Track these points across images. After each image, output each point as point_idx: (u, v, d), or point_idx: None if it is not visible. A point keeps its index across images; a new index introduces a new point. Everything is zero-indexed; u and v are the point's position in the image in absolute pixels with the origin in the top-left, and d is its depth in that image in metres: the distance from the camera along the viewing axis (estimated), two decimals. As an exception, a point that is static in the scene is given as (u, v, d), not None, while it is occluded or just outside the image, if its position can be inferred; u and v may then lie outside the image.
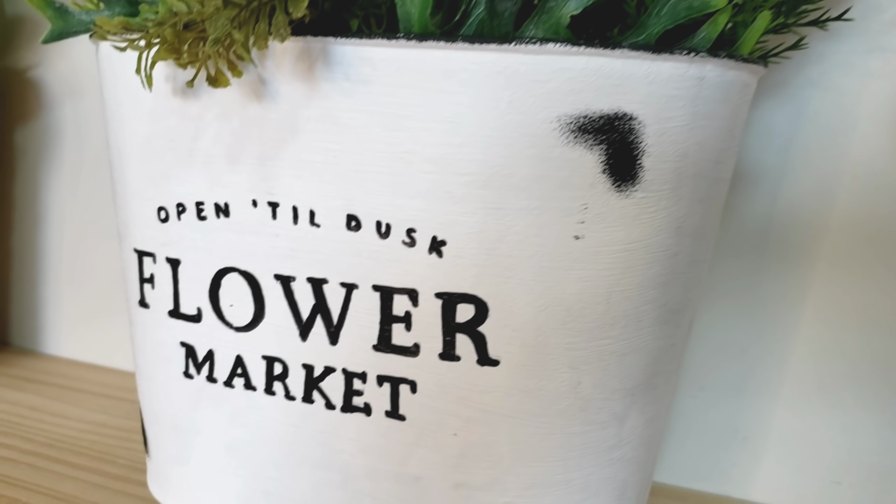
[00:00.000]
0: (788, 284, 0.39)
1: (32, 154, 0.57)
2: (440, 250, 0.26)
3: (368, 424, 0.28)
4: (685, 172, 0.26)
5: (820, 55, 0.38)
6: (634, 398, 0.28)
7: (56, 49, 0.55)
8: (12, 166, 0.58)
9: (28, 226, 0.58)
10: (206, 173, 0.28)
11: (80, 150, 0.55)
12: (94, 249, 0.56)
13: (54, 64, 0.55)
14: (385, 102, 0.25)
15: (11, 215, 0.58)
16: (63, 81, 0.55)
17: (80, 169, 0.56)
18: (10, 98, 0.56)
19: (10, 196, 0.58)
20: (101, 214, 0.55)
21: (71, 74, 0.55)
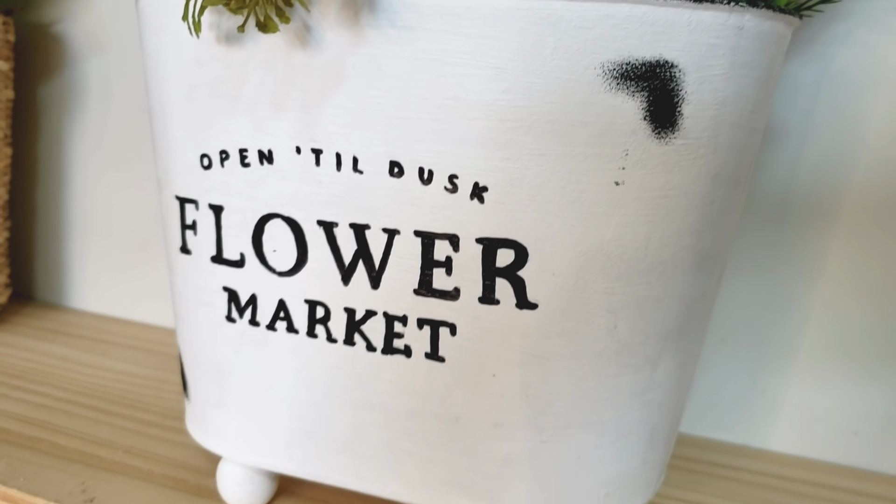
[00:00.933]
0: (811, 241, 0.40)
1: (57, 109, 0.57)
2: (482, 196, 0.26)
3: (408, 366, 0.29)
4: (723, 121, 0.26)
5: (847, 12, 0.38)
6: (668, 343, 0.29)
7: (80, 3, 0.55)
8: (36, 122, 0.58)
9: (52, 182, 0.58)
10: (249, 120, 0.28)
11: (105, 105, 0.56)
12: (118, 204, 0.57)
13: (78, 18, 0.55)
14: (430, 49, 0.25)
15: (36, 171, 0.59)
16: (87, 36, 0.56)
17: (104, 124, 0.56)
18: (34, 53, 0.57)
19: (35, 152, 0.58)
20: (127, 169, 0.56)
21: (96, 28, 0.55)
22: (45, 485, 0.34)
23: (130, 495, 0.34)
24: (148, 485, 0.35)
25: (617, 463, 0.30)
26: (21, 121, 0.57)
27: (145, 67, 0.32)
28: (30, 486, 0.34)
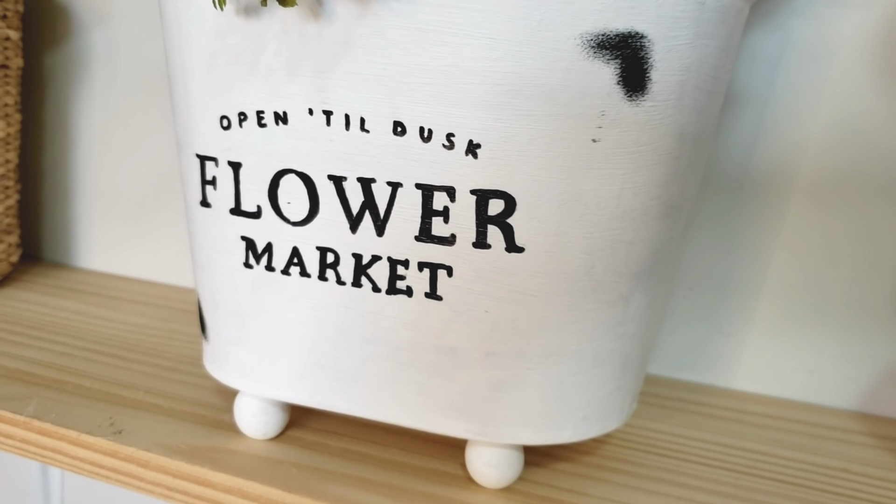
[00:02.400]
0: (772, 197, 0.44)
1: (62, 77, 0.60)
2: (476, 152, 0.30)
3: (410, 304, 0.32)
4: (688, 85, 0.30)
5: (806, -14, 0.41)
6: (639, 282, 0.32)
7: (83, -24, 0.58)
8: (43, 89, 0.61)
9: (59, 146, 0.61)
10: (266, 85, 0.32)
11: (111, 74, 0.58)
12: (123, 168, 0.60)
13: (82, -10, 0.58)
14: (430, 21, 0.29)
15: (42, 136, 0.62)
16: (92, 7, 0.58)
17: (109, 91, 0.59)
18: (41, 23, 0.59)
19: (41, 118, 0.61)
20: (131, 135, 0.59)
21: (100, 0, 0.58)
22: (76, 419, 0.38)
23: (155, 427, 0.38)
24: (169, 419, 0.39)
25: (593, 389, 0.33)
26: (28, 88, 0.60)
27: (165, 37, 0.35)
28: (62, 421, 0.38)
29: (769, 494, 0.35)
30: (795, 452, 0.39)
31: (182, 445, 0.36)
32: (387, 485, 0.34)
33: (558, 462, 0.37)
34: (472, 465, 0.34)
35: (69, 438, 0.37)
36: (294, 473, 0.35)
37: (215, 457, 0.35)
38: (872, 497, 0.36)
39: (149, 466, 0.36)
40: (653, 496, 0.35)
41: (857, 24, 0.41)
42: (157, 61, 0.57)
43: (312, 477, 0.35)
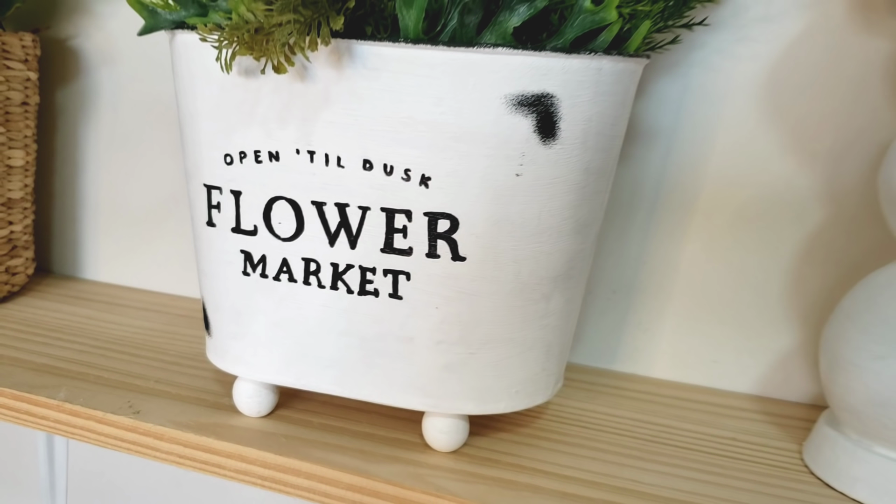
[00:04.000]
0: (679, 213, 0.53)
1: (72, 111, 0.68)
2: (427, 183, 0.38)
3: (377, 303, 0.41)
4: (590, 132, 0.39)
5: (703, 42, 0.51)
6: (557, 284, 0.41)
7: (93, 21, 0.66)
8: (54, 121, 0.68)
9: (68, 171, 0.69)
10: (262, 130, 0.40)
11: (115, 108, 0.66)
12: (125, 191, 0.68)
13: (91, 35, 0.66)
14: (391, 83, 0.37)
15: (54, 162, 0.69)
16: (99, 50, 0.66)
17: (114, 124, 0.67)
18: (53, 63, 0.67)
19: (53, 146, 0.69)
20: (132, 162, 0.67)
21: (105, 44, 0.66)
22: (101, 403, 0.46)
23: (167, 408, 0.46)
24: (178, 402, 0.47)
25: (523, 369, 0.42)
26: (42, 121, 0.68)
27: (177, 88, 0.43)
28: (89, 404, 0.46)
29: (668, 457, 0.44)
30: (695, 426, 0.48)
31: (190, 422, 0.44)
32: (359, 450, 0.43)
33: (498, 432, 0.46)
34: (427, 432, 0.43)
35: (96, 418, 0.45)
36: (283, 442, 0.43)
37: (218, 430, 0.44)
38: (750, 457, 0.45)
39: (163, 439, 0.44)
40: (574, 458, 0.43)
41: (746, 73, 0.50)
42: (155, 98, 0.65)
43: (298, 444, 0.43)
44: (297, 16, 0.35)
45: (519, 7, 0.37)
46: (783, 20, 0.49)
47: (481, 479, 0.40)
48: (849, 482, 0.41)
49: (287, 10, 0.35)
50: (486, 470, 0.41)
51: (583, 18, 0.38)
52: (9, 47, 0.59)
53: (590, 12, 0.38)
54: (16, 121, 0.61)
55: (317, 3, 0.35)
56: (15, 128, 0.61)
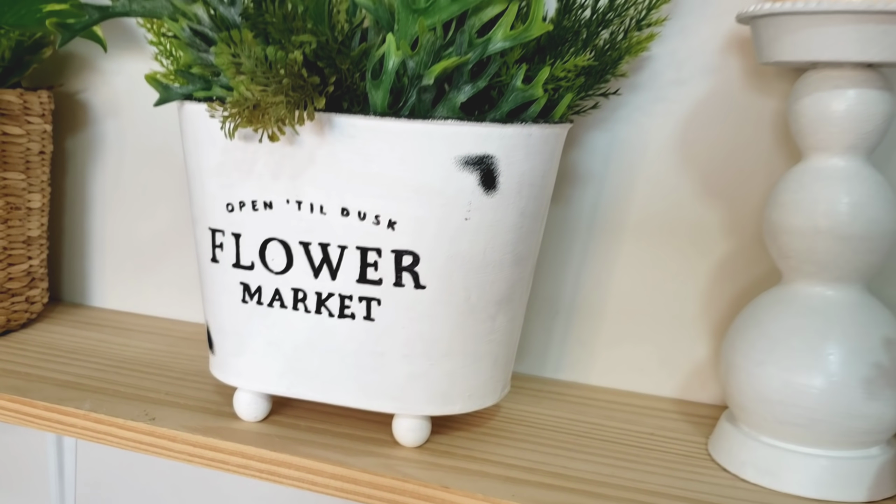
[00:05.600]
0: (610, 243, 0.62)
1: (81, 157, 0.76)
2: (394, 226, 0.47)
3: (354, 325, 0.50)
4: (524, 183, 0.48)
5: (626, 101, 0.60)
6: (501, 306, 0.50)
7: (100, 77, 0.74)
8: (64, 165, 0.77)
9: (77, 210, 0.78)
10: (258, 184, 0.49)
11: (119, 154, 0.75)
12: (129, 227, 0.76)
13: (98, 90, 0.75)
14: (363, 147, 0.46)
15: (64, 202, 0.78)
16: (105, 103, 0.75)
17: (119, 168, 0.75)
18: (64, 114, 0.76)
19: (63, 187, 0.77)
20: (136, 202, 0.75)
21: (111, 97, 0.75)
22: (121, 412, 0.54)
23: (178, 415, 0.54)
24: (186, 410, 0.55)
25: (475, 377, 0.51)
26: (54, 166, 0.76)
27: (185, 148, 0.52)
28: (111, 413, 0.54)
29: (595, 448, 0.53)
30: (620, 423, 0.57)
31: (198, 426, 0.53)
32: (340, 447, 0.51)
33: (456, 430, 0.54)
34: (396, 431, 0.52)
35: (117, 424, 0.53)
36: (277, 441, 0.52)
37: (222, 432, 0.52)
38: (665, 448, 0.54)
39: (176, 440, 0.52)
40: (517, 450, 0.52)
41: (662, 127, 0.60)
42: (155, 145, 0.74)
43: (289, 443, 0.51)
44: (287, 98, 0.44)
45: (465, 86, 0.47)
46: (692, 83, 0.59)
47: (440, 467, 0.49)
48: (739, 466, 0.50)
49: (279, 92, 0.44)
50: (444, 461, 0.50)
51: (516, 94, 0.47)
52: (30, 104, 0.68)
53: (521, 90, 0.47)
54: (34, 168, 0.70)
55: (304, 87, 0.44)
56: (34, 174, 0.70)
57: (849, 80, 0.46)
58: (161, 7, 0.48)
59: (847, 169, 0.48)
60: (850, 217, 0.47)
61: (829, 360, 0.47)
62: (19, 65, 0.70)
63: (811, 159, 0.49)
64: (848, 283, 0.48)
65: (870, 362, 0.46)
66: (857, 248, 0.47)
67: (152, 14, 0.49)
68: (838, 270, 0.48)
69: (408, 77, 0.46)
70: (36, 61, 0.71)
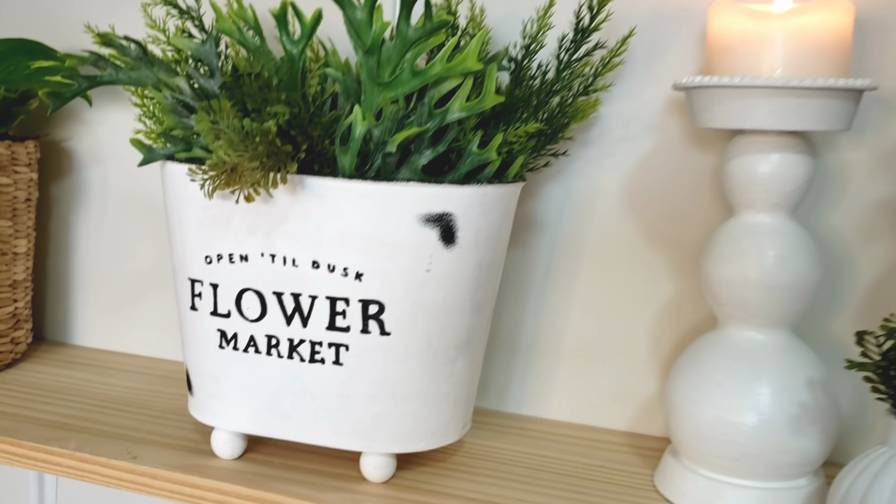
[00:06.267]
0: (564, 286, 0.67)
1: (65, 202, 0.80)
2: (360, 278, 0.51)
3: (324, 369, 0.53)
4: (480, 237, 0.52)
5: (579, 157, 0.65)
6: (460, 350, 0.54)
7: (84, 128, 0.78)
8: (49, 210, 0.80)
9: (61, 253, 0.81)
10: (234, 238, 0.53)
11: (103, 200, 0.79)
12: (110, 270, 0.80)
13: (82, 138, 0.79)
14: (332, 205, 0.51)
15: (48, 246, 0.81)
16: (89, 151, 0.79)
17: (102, 213, 0.79)
18: (50, 161, 0.79)
19: (47, 232, 0.81)
20: (117, 246, 0.79)
21: (95, 146, 0.78)
22: (104, 450, 0.58)
23: (158, 453, 0.58)
24: (167, 449, 0.59)
25: (436, 417, 0.55)
26: (39, 211, 0.80)
27: (167, 204, 0.56)
28: (95, 451, 0.57)
29: (549, 481, 0.57)
30: (574, 457, 0.61)
31: (178, 464, 0.56)
32: (311, 482, 0.55)
33: (421, 465, 0.58)
34: (364, 467, 0.55)
35: (101, 463, 0.57)
36: (252, 477, 0.55)
37: (201, 470, 0.56)
38: (614, 480, 0.58)
39: (157, 478, 0.55)
40: (477, 484, 0.56)
41: (611, 180, 0.65)
42: (136, 192, 0.77)
43: (264, 479, 0.55)
44: (262, 163, 0.48)
45: (426, 151, 0.51)
46: (637, 140, 0.64)
47: (405, 502, 0.53)
48: (680, 497, 0.54)
49: (255, 158, 0.48)
50: (409, 495, 0.54)
51: (472, 158, 0.52)
52: (17, 155, 0.72)
53: (477, 154, 0.52)
54: (21, 215, 0.73)
55: (278, 153, 0.49)
56: (20, 221, 0.73)
57: (772, 145, 0.51)
58: (146, 77, 0.53)
59: (773, 224, 0.52)
60: (776, 268, 0.51)
61: (759, 400, 0.51)
62: (7, 116, 0.74)
63: (741, 215, 0.54)
64: (776, 327, 0.53)
65: (795, 401, 0.51)
66: (782, 296, 0.52)
67: (138, 83, 0.53)
68: (766, 317, 0.52)
69: (373, 143, 0.51)
70: (23, 112, 0.75)
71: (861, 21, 0.57)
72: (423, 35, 0.49)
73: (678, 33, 0.61)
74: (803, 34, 0.49)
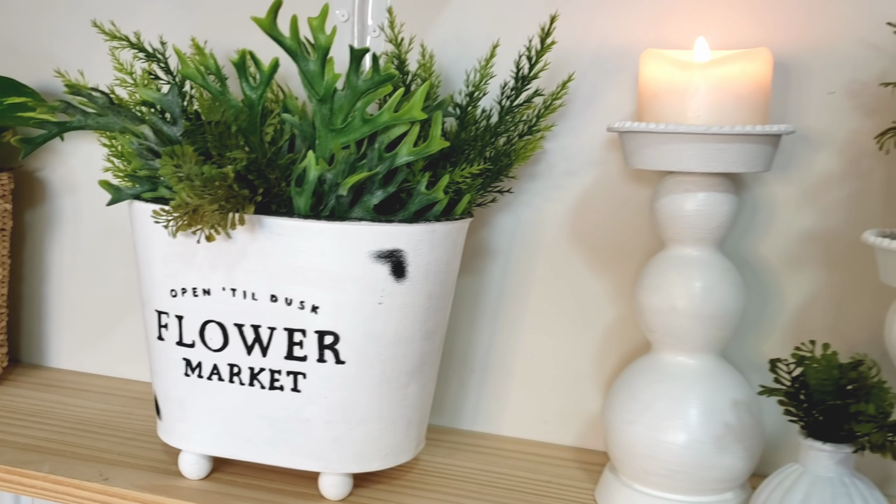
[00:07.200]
0: (516, 309, 0.71)
1: (39, 230, 0.83)
2: (316, 311, 0.55)
3: (283, 395, 0.57)
4: (430, 271, 0.56)
5: (527, 189, 0.69)
6: (412, 376, 0.58)
7: (56, 158, 0.81)
8: (24, 237, 0.83)
9: (36, 279, 0.84)
10: (198, 274, 0.56)
11: (75, 228, 0.82)
12: (83, 295, 0.83)
13: (55, 168, 0.82)
14: (288, 243, 0.54)
15: (22, 271, 0.84)
16: (61, 180, 0.82)
17: (74, 241, 0.82)
18: (24, 190, 0.82)
19: (22, 258, 0.84)
20: (90, 270, 0.82)
21: (67, 175, 0.82)
22: (78, 472, 0.61)
23: (129, 474, 0.61)
24: (137, 470, 0.62)
25: (391, 438, 0.59)
26: (13, 239, 0.83)
27: (135, 240, 0.60)
28: (68, 473, 0.60)
29: (498, 497, 0.61)
30: (523, 472, 0.65)
31: (147, 485, 0.60)
32: (272, 500, 0.58)
33: (378, 484, 0.62)
34: (322, 487, 0.59)
35: (74, 484, 0.60)
36: (217, 496, 0.59)
37: (169, 490, 0.59)
38: (558, 495, 0.62)
39: (128, 498, 0.59)
40: (429, 501, 0.60)
41: (557, 210, 0.69)
42: (108, 220, 0.80)
43: (228, 499, 0.58)
44: (221, 207, 0.52)
45: (377, 191, 0.55)
46: (581, 174, 0.68)
47: (361, 518, 0.57)
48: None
49: (216, 201, 0.52)
50: (365, 512, 0.58)
51: (421, 198, 0.56)
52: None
53: (425, 194, 0.56)
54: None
55: (236, 196, 0.52)
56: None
57: (698, 184, 0.55)
58: (113, 123, 0.56)
59: (699, 257, 0.57)
60: (702, 299, 0.56)
61: (688, 421, 0.55)
62: (-19, 149, 0.77)
63: (670, 248, 0.58)
64: (703, 352, 0.57)
65: (720, 422, 0.55)
66: (708, 324, 0.56)
67: (105, 128, 0.56)
68: (694, 343, 0.57)
69: (327, 185, 0.54)
70: (-3, 145, 0.78)
71: (786, 64, 0.61)
72: (371, 86, 0.52)
73: (617, 75, 0.65)
74: (724, 84, 0.53)
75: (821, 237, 0.63)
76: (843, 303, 0.63)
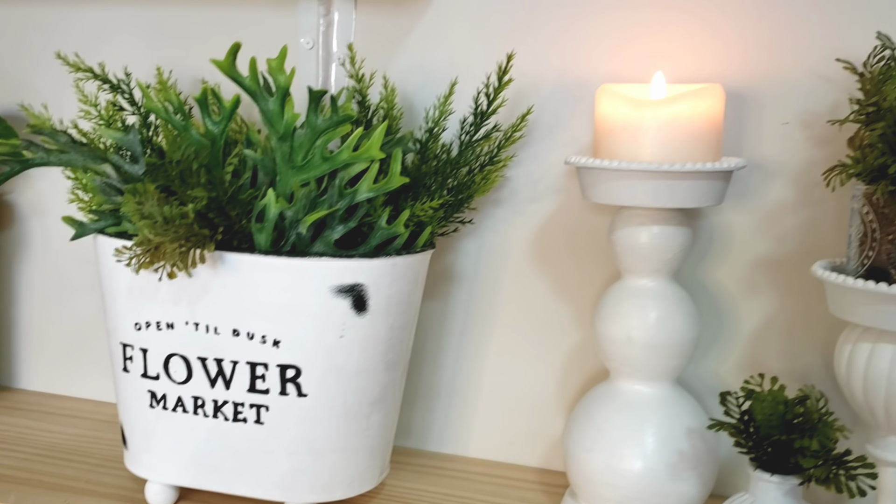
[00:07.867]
0: (482, 332, 0.72)
1: (7, 252, 0.83)
2: (278, 345, 0.56)
3: (246, 428, 0.58)
4: (391, 303, 0.57)
5: (491, 215, 0.70)
6: (374, 405, 0.59)
7: (25, 181, 0.81)
8: (-8, 261, 0.84)
9: (4, 301, 0.84)
10: (161, 308, 0.57)
11: (44, 250, 0.82)
12: (52, 316, 0.83)
13: (23, 192, 0.82)
14: (249, 279, 0.55)
15: (-9, 294, 0.84)
16: (30, 204, 0.82)
17: (43, 263, 0.82)
18: (-9, 215, 0.82)
19: (-10, 281, 0.84)
20: (59, 292, 0.82)
21: (35, 199, 0.82)
22: (44, 502, 0.61)
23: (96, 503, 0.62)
24: (105, 498, 0.63)
25: (354, 468, 0.60)
26: (-18, 262, 0.83)
27: (100, 273, 0.60)
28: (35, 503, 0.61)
29: (462, 521, 0.62)
30: (488, 496, 0.66)
31: (113, 515, 0.60)
32: (238, 530, 0.59)
33: (342, 510, 0.63)
34: (287, 515, 0.60)
35: (40, 515, 0.60)
36: (182, 527, 0.59)
37: (134, 520, 0.60)
38: (521, 518, 0.63)
39: (93, 529, 0.59)
40: (394, 526, 0.61)
41: (520, 236, 0.70)
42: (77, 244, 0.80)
43: (194, 528, 0.59)
44: (182, 245, 0.52)
45: (338, 227, 0.56)
46: (543, 201, 0.69)
47: (324, 547, 0.58)
48: (576, 534, 0.60)
49: (177, 239, 0.52)
50: (329, 540, 0.59)
51: (381, 232, 0.57)
52: (-42, 214, 0.75)
53: (385, 228, 0.56)
54: (-37, 269, 0.76)
55: (197, 235, 0.53)
56: (-38, 276, 0.76)
57: (651, 218, 0.57)
58: (75, 160, 0.56)
59: (654, 288, 0.58)
60: (656, 329, 0.57)
61: (643, 448, 0.57)
62: (-52, 174, 0.77)
63: (626, 279, 0.59)
64: (659, 381, 0.58)
65: (675, 449, 0.56)
66: (663, 353, 0.57)
67: (68, 164, 0.57)
68: (650, 371, 0.58)
69: (288, 221, 0.55)
70: (-36, 169, 0.78)
71: (740, 95, 0.63)
72: (330, 126, 0.53)
73: (578, 105, 0.66)
74: (675, 122, 0.54)
75: (775, 264, 0.64)
76: (796, 328, 0.64)
